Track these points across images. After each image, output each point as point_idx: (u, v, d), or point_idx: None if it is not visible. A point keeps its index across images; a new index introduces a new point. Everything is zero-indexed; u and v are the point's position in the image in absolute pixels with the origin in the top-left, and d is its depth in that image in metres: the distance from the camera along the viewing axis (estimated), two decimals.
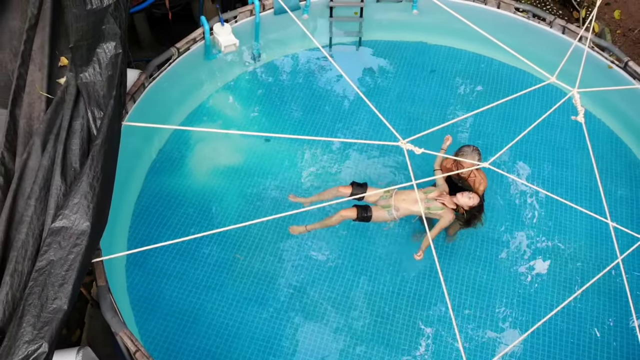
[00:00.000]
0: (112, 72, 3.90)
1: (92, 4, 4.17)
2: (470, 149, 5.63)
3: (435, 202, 5.37)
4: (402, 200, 5.42)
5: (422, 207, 5.26)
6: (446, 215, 5.31)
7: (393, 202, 5.41)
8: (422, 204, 5.35)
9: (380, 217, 5.44)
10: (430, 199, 5.40)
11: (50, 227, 3.34)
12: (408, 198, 5.42)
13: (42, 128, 3.73)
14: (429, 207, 5.36)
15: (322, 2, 7.47)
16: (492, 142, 6.85)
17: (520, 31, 7.37)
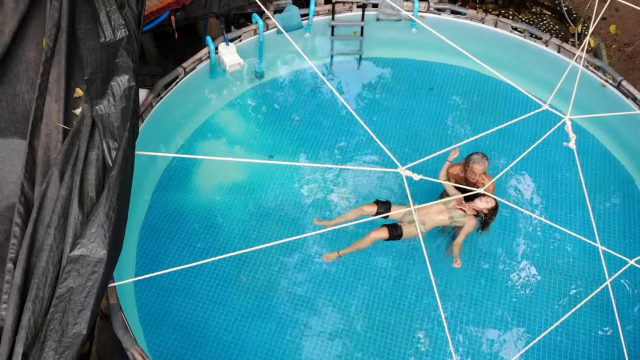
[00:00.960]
0: (126, 104, 4.09)
1: (106, 37, 4.38)
2: (480, 156, 5.74)
3: (457, 211, 5.61)
4: (426, 213, 5.66)
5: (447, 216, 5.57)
6: (469, 221, 5.59)
7: (421, 219, 5.64)
8: (446, 214, 5.61)
9: (410, 233, 5.65)
10: (452, 208, 5.64)
11: (69, 255, 3.53)
12: (431, 211, 5.67)
13: (60, 159, 3.92)
14: (452, 216, 5.64)
15: (323, 21, 7.67)
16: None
17: (517, 49, 7.58)
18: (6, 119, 4.17)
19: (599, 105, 7.07)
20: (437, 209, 5.69)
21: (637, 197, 6.72)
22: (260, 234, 6.44)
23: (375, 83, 7.89)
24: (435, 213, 5.68)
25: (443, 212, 5.62)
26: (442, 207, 5.70)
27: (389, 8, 7.62)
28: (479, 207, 5.56)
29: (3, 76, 4.31)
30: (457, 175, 5.95)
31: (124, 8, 4.50)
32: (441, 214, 5.67)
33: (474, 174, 5.73)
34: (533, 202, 6.68)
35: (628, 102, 6.77)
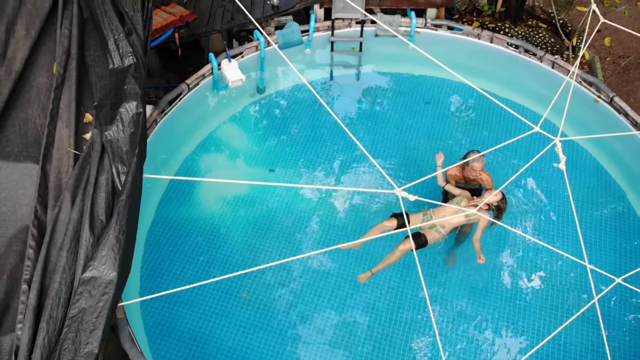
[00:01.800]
0: (134, 130, 4.27)
1: (114, 64, 4.56)
2: (475, 154, 6.04)
3: (470, 209, 5.77)
4: (442, 216, 5.87)
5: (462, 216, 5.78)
6: (481, 218, 5.81)
7: (437, 222, 5.85)
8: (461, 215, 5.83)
9: (434, 238, 5.89)
10: (465, 206, 5.84)
11: (81, 277, 3.71)
12: (447, 213, 5.88)
13: (71, 183, 4.11)
14: (467, 215, 5.83)
15: (323, 37, 7.85)
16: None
17: (511, 65, 7.76)
18: (19, 143, 4.35)
19: (592, 120, 7.27)
20: (452, 211, 5.90)
21: (628, 211, 6.90)
22: (262, 246, 6.63)
23: (373, 97, 8.07)
24: (451, 215, 5.89)
25: (457, 212, 5.83)
26: (456, 208, 5.91)
27: (387, 24, 7.79)
28: (490, 200, 5.77)
29: (15, 101, 4.50)
30: (456, 176, 6.26)
31: (131, 35, 4.68)
32: (459, 218, 5.90)
33: (475, 172, 6.06)
34: (527, 215, 6.86)
35: (620, 118, 6.96)
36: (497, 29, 9.55)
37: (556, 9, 9.85)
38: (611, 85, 9.18)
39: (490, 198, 5.72)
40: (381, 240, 6.46)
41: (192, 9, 7.61)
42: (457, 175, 6.27)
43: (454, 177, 6.29)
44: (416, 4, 7.93)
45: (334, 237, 6.69)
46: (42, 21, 4.74)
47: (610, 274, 6.39)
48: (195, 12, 7.54)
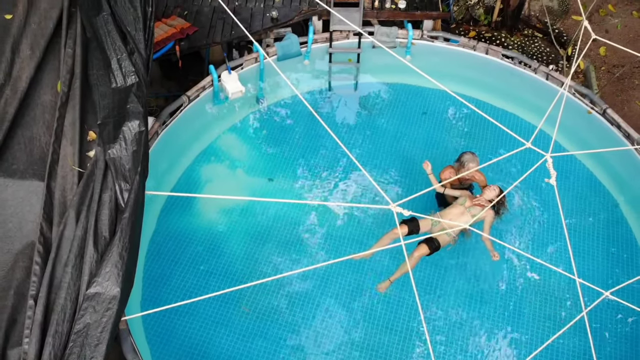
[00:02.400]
0: (137, 148, 4.40)
1: (117, 83, 4.69)
2: (471, 155, 6.29)
3: (475, 208, 6.01)
4: (451, 219, 6.05)
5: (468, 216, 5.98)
6: (488, 214, 6.00)
7: (446, 225, 6.01)
8: (467, 213, 6.02)
9: (445, 241, 6.07)
10: (470, 207, 6.03)
11: (86, 293, 3.85)
12: (453, 216, 6.07)
13: (76, 200, 4.24)
14: (474, 214, 6.01)
15: (322, 48, 7.98)
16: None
17: (507, 76, 7.89)
18: (24, 161, 4.49)
19: (586, 131, 7.40)
20: (458, 212, 6.10)
21: (621, 220, 7.02)
22: (261, 255, 6.76)
23: (371, 107, 8.21)
24: (458, 216, 6.07)
25: (464, 213, 6.06)
26: (461, 209, 6.11)
27: (384, 36, 7.92)
28: (490, 196, 5.96)
29: (21, 120, 4.63)
30: (450, 171, 6.45)
31: (133, 54, 4.81)
32: (463, 216, 6.07)
33: (468, 172, 6.20)
34: (521, 225, 6.99)
35: (613, 130, 7.08)
36: (494, 38, 9.68)
37: (552, 18, 9.98)
38: (606, 94, 9.31)
39: (490, 193, 5.92)
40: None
41: (193, 21, 7.73)
42: (449, 175, 6.43)
43: (450, 172, 6.49)
44: (413, 15, 8.05)
45: (334, 245, 6.82)
46: (47, 41, 4.88)
47: (602, 282, 6.58)
48: (196, 24, 7.66)
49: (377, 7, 8.04)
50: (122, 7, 4.95)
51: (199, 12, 7.92)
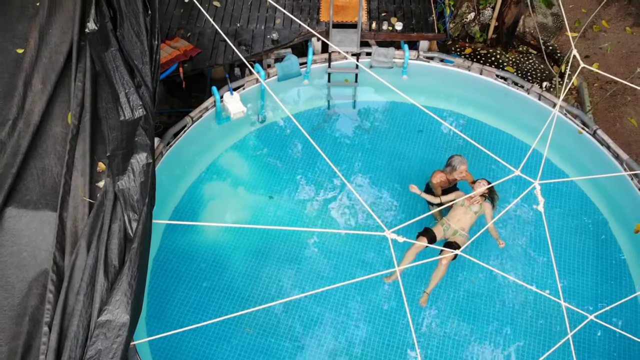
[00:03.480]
0: (144, 179, 4.64)
1: (125, 116, 4.92)
2: (460, 157, 6.82)
3: (474, 205, 6.51)
4: (458, 220, 6.54)
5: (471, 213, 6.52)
6: (486, 207, 6.55)
7: (456, 227, 6.49)
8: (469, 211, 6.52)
9: (462, 242, 6.50)
10: (469, 206, 6.52)
11: (97, 320, 4.08)
12: (460, 217, 6.54)
13: (87, 230, 4.47)
14: (475, 211, 6.53)
15: (321, 68, 8.21)
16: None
17: (500, 96, 8.12)
18: (37, 191, 4.73)
19: (577, 150, 7.63)
20: (461, 212, 6.57)
21: (610, 238, 7.25)
22: (262, 272, 6.99)
23: (368, 125, 8.43)
24: (463, 216, 6.55)
25: (466, 212, 6.55)
26: (463, 209, 6.57)
27: (382, 56, 8.15)
28: (482, 192, 6.44)
29: (33, 151, 4.87)
30: (442, 182, 6.92)
31: (140, 88, 5.04)
32: (467, 215, 6.55)
33: (461, 173, 6.77)
34: (512, 244, 7.22)
35: (603, 150, 7.31)
36: (489, 55, 9.91)
37: (546, 35, 10.20)
38: (598, 110, 9.54)
39: (482, 189, 6.42)
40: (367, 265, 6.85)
41: (196, 42, 7.96)
42: (442, 181, 6.92)
43: (441, 184, 6.95)
44: (409, 37, 8.28)
45: (334, 261, 7.05)
46: (57, 74, 5.12)
47: (592, 298, 6.81)
48: (198, 46, 7.90)
49: (375, 28, 8.26)
50: (130, 42, 5.18)
51: (201, 33, 8.15)
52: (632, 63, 10.20)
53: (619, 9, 11.06)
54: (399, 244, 4.66)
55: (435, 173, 6.97)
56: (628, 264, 7.01)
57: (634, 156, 8.86)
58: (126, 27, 5.19)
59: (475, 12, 9.94)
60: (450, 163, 6.82)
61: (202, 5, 8.53)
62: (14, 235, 4.52)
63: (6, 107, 4.88)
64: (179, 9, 8.43)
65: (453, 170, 6.79)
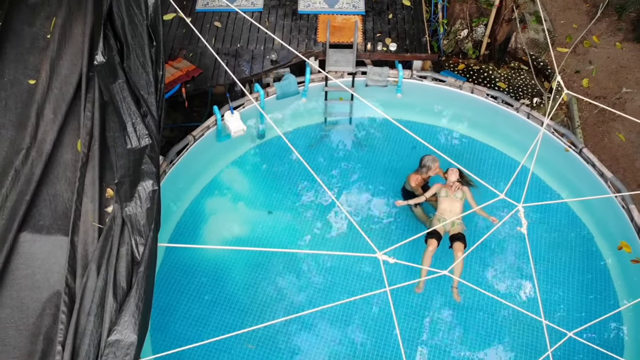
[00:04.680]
0: (150, 205, 4.93)
1: (132, 144, 5.21)
2: (431, 157, 7.45)
3: (457, 192, 7.09)
4: (450, 211, 7.06)
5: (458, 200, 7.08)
6: (466, 190, 7.15)
7: (450, 218, 6.99)
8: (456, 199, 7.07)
9: (462, 229, 7.04)
10: (453, 195, 7.08)
11: (107, 340, 4.38)
12: (452, 207, 7.06)
13: (97, 254, 4.78)
14: (460, 197, 7.11)
15: (318, 87, 8.51)
16: None
17: (491, 114, 8.42)
18: (49, 217, 5.02)
19: (564, 167, 7.93)
20: (449, 202, 7.09)
21: (596, 253, 7.55)
22: (262, 285, 7.29)
23: (364, 141, 8.74)
24: (451, 205, 7.06)
25: (453, 200, 7.10)
26: (449, 199, 7.09)
27: (376, 75, 8.45)
28: (456, 177, 7.17)
29: (46, 178, 5.17)
30: (420, 183, 7.57)
31: (146, 117, 5.33)
32: (454, 203, 7.09)
33: (435, 170, 7.42)
34: (499, 259, 7.52)
35: (588, 167, 7.61)
36: (481, 70, 10.21)
37: (537, 50, 10.50)
38: (587, 125, 9.83)
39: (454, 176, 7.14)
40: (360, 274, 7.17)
41: (197, 63, 8.26)
42: (419, 182, 7.58)
43: (419, 184, 7.58)
44: (403, 57, 8.58)
45: (331, 274, 7.36)
46: (68, 105, 5.41)
47: (576, 312, 7.10)
48: (200, 66, 8.20)
49: (370, 49, 8.56)
50: (136, 73, 5.47)
51: (202, 53, 8.44)
52: (621, 78, 10.50)
53: (609, 24, 11.35)
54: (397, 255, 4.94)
55: (411, 177, 7.61)
56: (612, 278, 7.31)
57: (621, 170, 9.18)
58: (132, 58, 5.48)
59: (469, 29, 10.24)
60: (425, 164, 7.47)
61: (204, 26, 8.82)
62: (28, 259, 4.82)
63: (20, 136, 5.17)
64: (181, 29, 8.72)
65: (429, 169, 7.44)
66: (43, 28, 5.68)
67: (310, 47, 8.56)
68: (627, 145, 9.44)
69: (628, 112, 10.05)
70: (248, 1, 9.07)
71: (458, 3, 10.00)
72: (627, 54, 10.84)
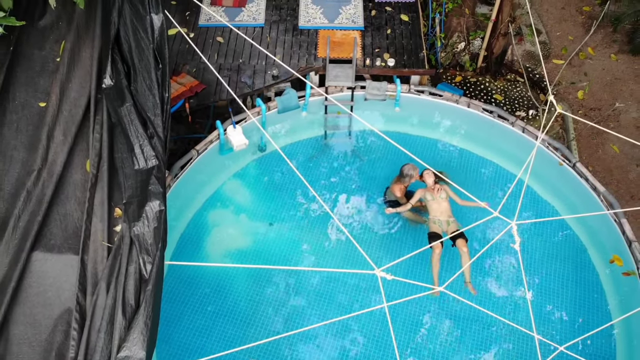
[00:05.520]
0: (157, 225, 5.13)
1: (139, 165, 5.40)
2: (410, 166, 7.82)
3: (440, 192, 7.48)
4: (441, 212, 7.43)
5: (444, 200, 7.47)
6: (446, 189, 7.54)
7: (445, 218, 7.39)
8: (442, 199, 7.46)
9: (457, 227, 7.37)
10: (438, 195, 7.47)
11: (117, 356, 4.57)
12: (441, 207, 7.43)
13: (106, 273, 4.97)
14: (444, 197, 7.47)
15: (318, 101, 8.71)
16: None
17: (487, 127, 8.63)
18: (60, 236, 5.22)
19: (558, 181, 8.13)
20: (437, 204, 7.45)
21: (588, 264, 7.75)
22: (263, 297, 7.49)
23: (362, 154, 8.94)
24: (440, 206, 7.43)
25: (439, 202, 7.46)
26: (436, 202, 7.46)
27: (375, 89, 8.66)
28: (432, 179, 7.59)
29: (56, 199, 5.36)
30: (403, 191, 7.91)
31: (153, 138, 5.53)
32: (442, 204, 7.46)
33: (416, 177, 7.77)
34: (494, 273, 7.72)
35: (582, 181, 7.81)
36: (478, 82, 10.40)
37: (534, 62, 10.70)
38: (582, 137, 10.03)
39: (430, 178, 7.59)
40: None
41: (201, 78, 8.45)
42: (403, 191, 7.92)
43: (403, 193, 7.92)
44: (401, 72, 8.77)
45: (333, 287, 7.55)
46: (77, 126, 5.61)
47: (569, 325, 7.30)
48: (203, 81, 8.39)
49: (369, 64, 8.76)
50: (143, 95, 5.67)
51: (205, 68, 8.64)
52: (615, 90, 10.69)
53: (604, 36, 11.54)
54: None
55: (394, 188, 7.96)
56: (604, 290, 7.51)
57: (615, 182, 9.38)
58: (139, 81, 5.68)
59: (466, 43, 10.44)
60: (407, 173, 7.82)
61: (207, 41, 9.02)
62: (40, 277, 5.02)
63: (31, 158, 5.37)
64: (185, 44, 8.91)
65: (411, 178, 7.81)
66: (52, 51, 5.88)
67: (310, 62, 8.76)
68: (620, 157, 9.63)
69: (622, 124, 10.26)
70: (250, 17, 9.27)
71: (455, 17, 10.19)
72: (622, 66, 11.04)
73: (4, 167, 5.33)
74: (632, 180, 9.29)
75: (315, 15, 9.31)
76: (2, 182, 5.27)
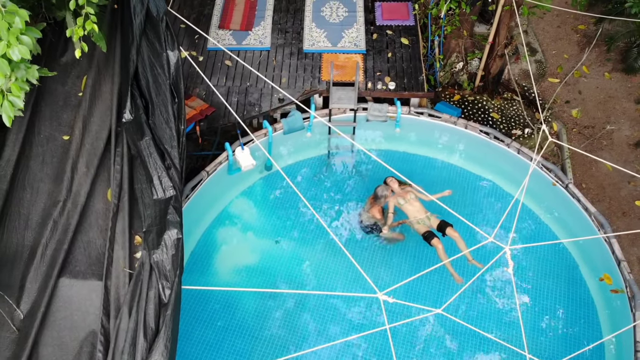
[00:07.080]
0: (175, 252, 5.52)
1: (158, 195, 5.78)
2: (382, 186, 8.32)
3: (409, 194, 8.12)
4: (417, 212, 8.01)
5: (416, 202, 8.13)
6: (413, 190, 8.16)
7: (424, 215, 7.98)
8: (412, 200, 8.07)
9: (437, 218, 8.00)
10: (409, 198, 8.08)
11: None
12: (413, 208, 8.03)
13: (128, 297, 5.36)
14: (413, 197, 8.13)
15: (322, 122, 9.09)
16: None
17: (483, 148, 9.01)
18: (84, 263, 5.61)
19: (552, 200, 8.51)
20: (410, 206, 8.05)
21: (580, 281, 8.13)
22: (271, 312, 7.87)
23: (365, 173, 9.31)
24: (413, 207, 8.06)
25: (411, 203, 8.06)
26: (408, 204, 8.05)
27: (376, 111, 9.03)
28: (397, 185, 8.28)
29: (80, 227, 5.75)
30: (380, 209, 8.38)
31: (170, 170, 5.91)
32: (414, 204, 8.07)
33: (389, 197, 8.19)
34: (489, 288, 8.10)
35: (574, 202, 8.19)
36: (476, 101, 10.77)
37: (529, 82, 11.07)
38: (576, 154, 10.39)
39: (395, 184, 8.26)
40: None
41: (210, 101, 8.83)
42: (379, 210, 8.35)
43: (381, 212, 8.34)
44: (401, 95, 9.15)
45: (337, 301, 7.93)
46: (99, 158, 5.99)
47: (562, 341, 7.65)
48: (213, 104, 8.76)
49: (370, 87, 9.14)
50: (160, 128, 6.04)
51: (214, 92, 9.00)
52: (609, 108, 11.06)
53: (598, 54, 11.91)
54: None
55: (372, 211, 8.37)
56: (596, 308, 7.89)
57: (607, 199, 9.75)
58: (157, 115, 6.05)
59: (464, 62, 10.81)
60: (382, 194, 8.29)
61: (215, 64, 9.39)
62: (66, 302, 5.41)
63: (57, 190, 5.75)
64: (194, 67, 9.28)
65: (386, 198, 8.26)
66: (74, 87, 6.25)
67: (315, 85, 9.13)
68: (613, 175, 9.99)
69: (615, 142, 10.62)
70: (257, 40, 9.64)
71: (454, 39, 10.56)
72: (615, 84, 11.40)
73: (31, 198, 5.72)
74: (624, 197, 9.66)
75: (319, 39, 9.69)
76: (30, 213, 5.65)
